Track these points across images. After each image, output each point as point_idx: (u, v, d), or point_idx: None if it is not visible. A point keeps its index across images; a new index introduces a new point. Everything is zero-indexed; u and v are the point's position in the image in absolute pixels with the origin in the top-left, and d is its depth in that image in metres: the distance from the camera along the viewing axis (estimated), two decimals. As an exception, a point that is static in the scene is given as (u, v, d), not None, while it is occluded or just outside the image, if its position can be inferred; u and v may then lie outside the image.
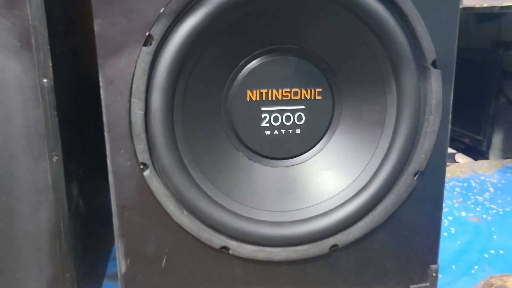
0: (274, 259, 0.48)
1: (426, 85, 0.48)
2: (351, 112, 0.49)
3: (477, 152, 1.25)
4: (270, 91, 0.48)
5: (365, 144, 0.49)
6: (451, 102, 0.49)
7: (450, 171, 1.00)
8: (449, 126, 0.50)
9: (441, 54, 0.48)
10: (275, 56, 0.47)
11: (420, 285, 0.54)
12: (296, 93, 0.48)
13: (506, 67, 1.10)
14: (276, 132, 0.49)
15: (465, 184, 0.92)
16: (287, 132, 0.49)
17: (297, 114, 0.49)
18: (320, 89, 0.49)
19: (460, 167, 1.03)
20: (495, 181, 0.94)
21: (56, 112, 0.40)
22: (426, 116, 0.49)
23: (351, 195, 0.49)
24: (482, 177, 0.96)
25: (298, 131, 0.49)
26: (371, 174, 0.48)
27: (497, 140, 1.23)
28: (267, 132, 0.48)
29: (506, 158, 1.12)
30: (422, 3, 0.46)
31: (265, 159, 0.49)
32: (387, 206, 0.49)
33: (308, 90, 0.48)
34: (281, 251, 0.48)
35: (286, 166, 0.50)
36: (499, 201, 0.84)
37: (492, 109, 1.23)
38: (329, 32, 0.46)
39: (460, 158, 1.15)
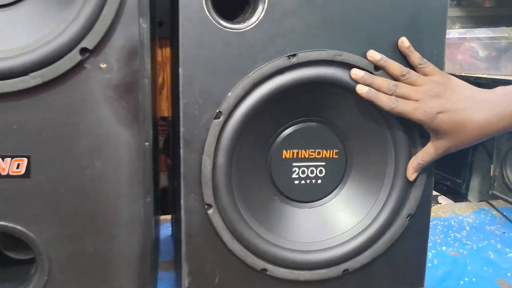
0: (300, 279, 0.63)
1: (416, 150, 0.64)
2: (360, 169, 0.65)
3: (457, 194, 1.42)
4: (299, 151, 0.63)
5: (370, 193, 0.65)
6: (434, 166, 0.65)
7: (434, 211, 1.16)
8: (432, 181, 0.66)
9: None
10: (303, 125, 0.63)
11: (409, 303, 0.69)
12: (319, 153, 0.64)
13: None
14: (303, 182, 0.64)
15: (446, 223, 1.08)
16: (311, 182, 0.64)
17: (319, 168, 0.64)
18: (337, 150, 0.65)
19: (442, 208, 1.19)
20: (471, 220, 1.10)
21: (152, 166, 0.55)
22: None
23: (358, 231, 0.64)
24: (460, 217, 1.12)
25: (319, 181, 0.65)
26: (374, 216, 0.64)
27: (474, 183, 1.42)
28: (296, 182, 0.64)
29: (481, 200, 1.29)
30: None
31: (294, 202, 0.65)
32: (386, 240, 0.64)
33: (328, 151, 0.64)
34: (306, 273, 0.63)
35: (310, 208, 0.65)
36: (474, 238, 1.00)
37: (470, 157, 1.42)
38: (346, 110, 0.63)
39: (442, 199, 1.31)
